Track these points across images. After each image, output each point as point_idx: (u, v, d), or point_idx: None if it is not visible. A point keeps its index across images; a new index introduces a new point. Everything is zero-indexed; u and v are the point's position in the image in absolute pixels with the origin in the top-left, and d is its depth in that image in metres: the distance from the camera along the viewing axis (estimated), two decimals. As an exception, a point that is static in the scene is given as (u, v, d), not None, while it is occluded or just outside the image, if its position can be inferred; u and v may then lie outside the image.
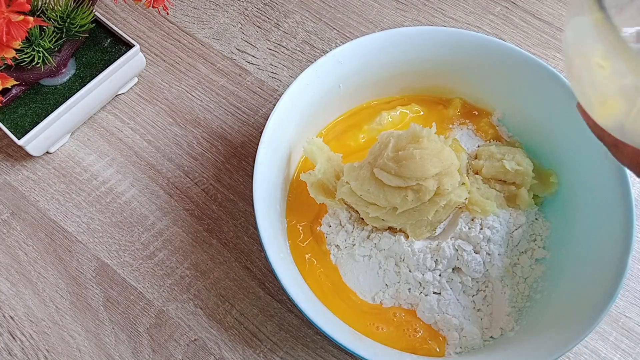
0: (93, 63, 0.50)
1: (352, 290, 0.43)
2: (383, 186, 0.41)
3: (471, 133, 0.50)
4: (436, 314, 0.42)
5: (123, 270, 0.47)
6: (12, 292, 0.46)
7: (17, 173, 0.50)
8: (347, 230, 0.44)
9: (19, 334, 0.44)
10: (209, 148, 0.52)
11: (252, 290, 0.46)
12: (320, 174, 0.43)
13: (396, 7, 0.60)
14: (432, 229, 0.44)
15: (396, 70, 0.48)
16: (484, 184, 0.46)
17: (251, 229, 0.48)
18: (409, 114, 0.50)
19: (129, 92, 0.54)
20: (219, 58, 0.56)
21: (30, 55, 0.45)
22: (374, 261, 0.43)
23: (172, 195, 0.50)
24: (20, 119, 0.47)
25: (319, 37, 0.58)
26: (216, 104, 0.54)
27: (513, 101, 0.48)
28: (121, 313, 0.45)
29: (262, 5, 0.60)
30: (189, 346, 0.44)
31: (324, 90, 0.46)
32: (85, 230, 0.48)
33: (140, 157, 0.51)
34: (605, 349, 0.44)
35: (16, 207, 0.49)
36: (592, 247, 0.41)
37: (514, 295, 0.43)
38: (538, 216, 0.46)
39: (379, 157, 0.42)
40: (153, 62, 0.56)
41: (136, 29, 0.58)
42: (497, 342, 0.42)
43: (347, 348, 0.35)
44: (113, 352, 0.44)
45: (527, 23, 0.59)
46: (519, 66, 0.45)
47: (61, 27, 0.46)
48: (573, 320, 0.38)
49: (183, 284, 0.46)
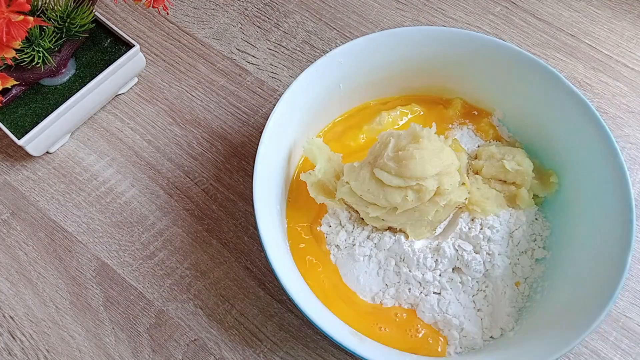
0: (93, 63, 0.50)
1: (352, 290, 0.43)
2: (383, 186, 0.41)
3: (471, 133, 0.50)
4: (436, 314, 0.42)
5: (123, 270, 0.47)
6: (12, 292, 0.46)
7: (17, 173, 0.50)
8: (347, 230, 0.44)
9: (19, 334, 0.44)
10: (209, 148, 0.52)
11: (252, 290, 0.46)
12: (320, 174, 0.43)
13: (396, 7, 0.60)
14: (432, 229, 0.44)
15: (396, 70, 0.48)
16: (484, 184, 0.46)
17: (251, 229, 0.48)
18: (409, 114, 0.50)
19: (129, 92, 0.54)
20: (219, 58, 0.56)
21: (31, 55, 0.45)
22: (374, 261, 0.43)
23: (172, 195, 0.50)
24: (20, 119, 0.47)
25: (319, 37, 0.58)
26: (216, 104, 0.54)
27: (513, 101, 0.48)
28: (121, 313, 0.45)
29: (262, 5, 0.60)
30: (189, 346, 0.44)
31: (324, 90, 0.46)
32: (85, 230, 0.48)
33: (140, 157, 0.51)
34: (605, 349, 0.44)
35: (16, 207, 0.49)
36: (592, 247, 0.41)
37: (514, 295, 0.43)
38: (538, 216, 0.46)
39: (379, 157, 0.42)
40: (153, 62, 0.56)
41: (136, 29, 0.58)
42: (497, 342, 0.42)
43: (347, 348, 0.35)
44: (113, 352, 0.44)
45: (527, 23, 0.59)
46: (519, 66, 0.45)
47: (61, 27, 0.46)
48: (573, 320, 0.38)
49: (183, 284, 0.46)
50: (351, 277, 0.43)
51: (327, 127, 0.50)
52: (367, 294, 0.43)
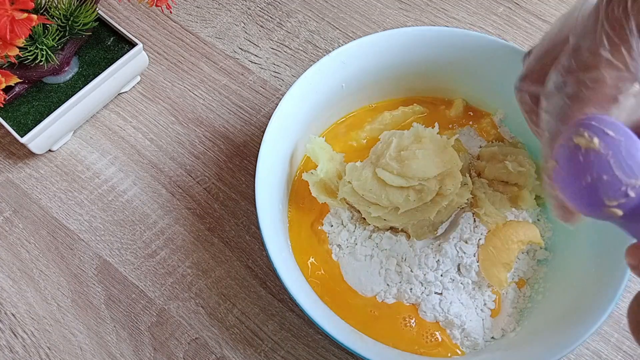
0: (96, 61, 0.50)
1: (354, 290, 0.43)
2: (385, 186, 0.41)
3: (473, 133, 0.49)
4: (438, 314, 0.42)
5: (125, 269, 0.47)
6: (14, 289, 0.46)
7: (19, 171, 0.50)
8: (349, 229, 0.44)
9: (21, 332, 0.44)
10: (211, 147, 0.52)
11: (253, 289, 0.46)
12: (322, 174, 0.43)
13: (399, 7, 0.60)
14: (433, 229, 0.44)
15: (399, 70, 0.48)
16: (490, 188, 0.45)
17: (253, 228, 0.48)
18: (411, 114, 0.50)
19: (131, 90, 0.54)
20: (221, 57, 0.56)
21: (34, 53, 0.45)
22: (375, 261, 0.43)
23: (174, 194, 0.50)
24: (23, 116, 0.48)
25: (322, 37, 0.58)
26: (219, 102, 0.54)
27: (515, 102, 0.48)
28: (122, 311, 0.45)
29: (265, 4, 0.60)
30: (190, 345, 0.44)
31: (326, 90, 0.46)
32: (87, 228, 0.48)
33: (142, 156, 0.51)
34: (606, 350, 0.44)
35: (18, 204, 0.49)
36: (594, 248, 0.41)
37: (515, 296, 0.43)
38: (540, 217, 0.46)
39: (381, 157, 0.42)
40: (156, 61, 0.56)
41: (139, 28, 0.58)
42: (498, 342, 0.42)
43: (348, 347, 0.35)
44: (114, 350, 0.44)
45: (530, 24, 0.59)
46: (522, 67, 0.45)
47: (64, 25, 0.46)
48: (575, 321, 0.38)
49: (184, 282, 0.46)
50: (353, 277, 0.43)
51: (329, 126, 0.50)
52: (369, 293, 0.43)
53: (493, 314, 0.43)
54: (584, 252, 0.42)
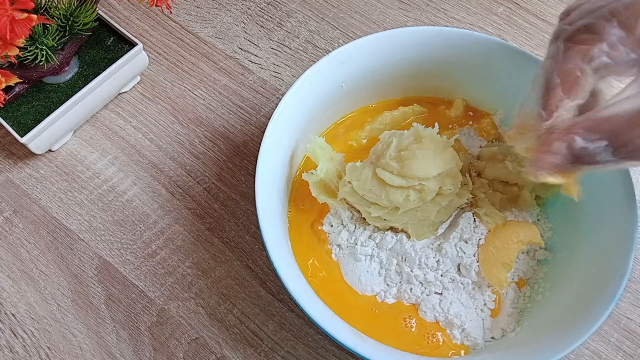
0: (96, 61, 0.50)
1: (354, 290, 0.43)
2: (385, 186, 0.41)
3: (473, 133, 0.49)
4: (438, 313, 0.42)
5: (125, 269, 0.47)
6: (14, 289, 0.46)
7: (19, 171, 0.50)
8: (349, 229, 0.44)
9: (21, 332, 0.44)
10: (211, 147, 0.52)
11: (253, 289, 0.46)
12: (322, 174, 0.43)
13: (399, 7, 0.60)
14: (434, 229, 0.44)
15: (399, 70, 0.48)
16: (489, 187, 0.45)
17: (253, 228, 0.48)
18: (411, 114, 0.50)
19: (131, 90, 0.54)
20: (221, 57, 0.56)
21: (34, 53, 0.45)
22: (375, 261, 0.43)
23: (174, 194, 0.50)
24: (23, 116, 0.48)
25: (322, 37, 0.58)
26: (218, 102, 0.54)
27: (515, 102, 0.48)
28: (122, 311, 0.45)
29: (265, 4, 0.60)
30: (190, 345, 0.44)
31: (326, 90, 0.46)
32: (87, 228, 0.48)
33: (142, 156, 0.51)
34: (606, 350, 0.44)
35: (18, 204, 0.49)
36: (594, 248, 0.41)
37: (515, 296, 0.43)
38: (540, 217, 0.46)
39: (381, 157, 0.42)
40: (156, 61, 0.56)
41: (139, 28, 0.58)
42: (498, 342, 0.42)
43: (348, 348, 0.35)
44: (114, 350, 0.44)
45: (530, 24, 0.59)
46: (522, 67, 0.45)
47: (64, 25, 0.46)
48: (574, 321, 0.37)
49: (184, 282, 0.46)
50: (353, 277, 0.43)
51: (329, 126, 0.50)
52: (369, 293, 0.43)
53: (493, 314, 0.43)
54: (584, 252, 0.42)
